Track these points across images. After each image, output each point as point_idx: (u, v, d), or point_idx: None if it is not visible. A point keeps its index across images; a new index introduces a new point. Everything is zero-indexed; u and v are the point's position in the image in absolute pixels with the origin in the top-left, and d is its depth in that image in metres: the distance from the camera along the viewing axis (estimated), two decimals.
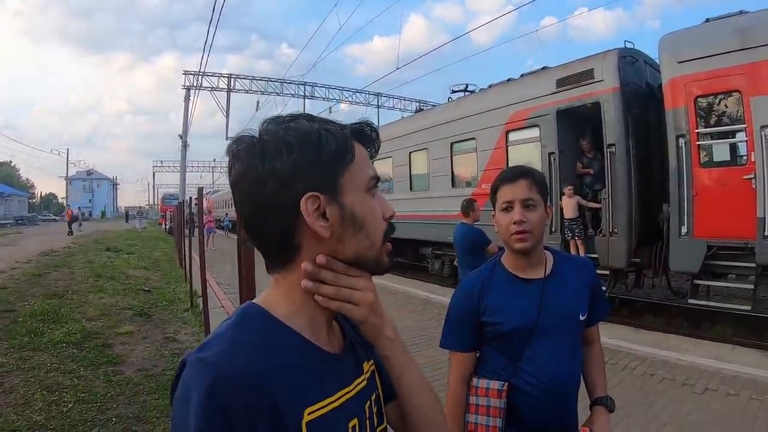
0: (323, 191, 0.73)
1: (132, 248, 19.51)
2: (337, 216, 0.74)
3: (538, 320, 1.52)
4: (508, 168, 1.68)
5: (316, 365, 0.74)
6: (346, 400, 0.76)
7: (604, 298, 1.76)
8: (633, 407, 3.97)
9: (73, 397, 4.21)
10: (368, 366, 0.88)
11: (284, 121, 0.76)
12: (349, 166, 0.76)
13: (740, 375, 4.51)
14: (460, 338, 1.64)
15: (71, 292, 9.01)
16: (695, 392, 4.23)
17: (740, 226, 5.83)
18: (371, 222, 0.78)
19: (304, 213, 0.72)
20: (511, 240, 1.55)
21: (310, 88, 32.05)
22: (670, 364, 4.94)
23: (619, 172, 7.22)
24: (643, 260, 7.44)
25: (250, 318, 0.75)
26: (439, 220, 10.49)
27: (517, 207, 1.53)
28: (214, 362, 0.64)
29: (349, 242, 0.76)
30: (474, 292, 1.61)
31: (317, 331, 0.78)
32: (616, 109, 7.18)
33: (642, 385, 4.46)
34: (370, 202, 0.79)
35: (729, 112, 6.16)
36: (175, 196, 39.71)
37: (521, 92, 8.99)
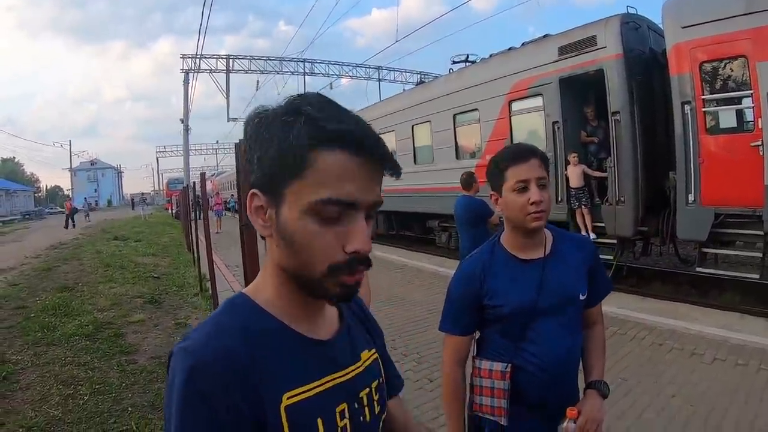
0: (265, 193, 0.71)
1: (140, 235, 19.62)
2: (273, 221, 0.71)
3: (539, 301, 1.51)
4: (513, 147, 1.62)
5: (298, 351, 0.74)
6: (333, 385, 0.76)
7: (605, 277, 1.73)
8: (642, 378, 4.00)
9: (89, 390, 4.27)
10: (368, 354, 0.87)
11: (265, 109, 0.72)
12: (299, 176, 0.67)
13: (748, 344, 4.51)
14: (459, 322, 1.63)
15: (81, 284, 9.09)
16: (704, 362, 4.24)
17: (748, 193, 5.75)
18: (305, 246, 0.69)
19: (246, 207, 0.74)
20: (527, 220, 1.51)
21: (310, 64, 31.95)
22: (678, 333, 4.96)
23: (624, 140, 7.13)
24: (650, 228, 7.39)
25: (233, 307, 0.75)
26: (445, 192, 10.45)
27: (534, 187, 1.50)
28: (192, 350, 0.66)
29: (284, 253, 0.72)
30: (475, 275, 1.59)
31: (299, 317, 0.77)
32: (619, 76, 7.06)
33: (651, 355, 4.48)
34: (309, 226, 0.68)
35: (735, 77, 6.01)
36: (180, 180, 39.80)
37: (523, 61, 8.85)
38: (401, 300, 7.02)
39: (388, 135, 13.27)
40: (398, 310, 6.45)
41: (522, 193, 1.51)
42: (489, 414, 1.58)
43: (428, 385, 4.10)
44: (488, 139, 9.63)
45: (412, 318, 6.08)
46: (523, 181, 1.51)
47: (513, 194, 1.52)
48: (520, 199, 1.51)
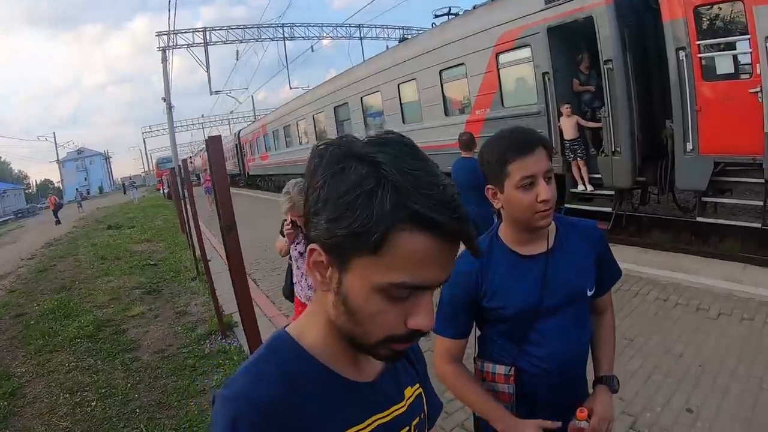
0: (329, 254, 0.65)
1: (133, 221, 19.58)
2: (334, 283, 0.67)
3: (543, 301, 1.39)
4: (515, 135, 1.39)
5: (341, 395, 0.73)
6: (376, 426, 0.75)
7: (614, 264, 1.58)
8: (649, 336, 3.99)
9: (96, 395, 4.26)
10: (411, 391, 0.86)
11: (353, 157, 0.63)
12: (374, 253, 0.61)
13: (753, 298, 4.46)
14: (454, 324, 1.49)
15: (78, 281, 9.07)
16: (709, 317, 4.21)
17: (747, 141, 5.60)
18: (367, 319, 0.66)
19: (307, 257, 0.69)
20: (535, 218, 1.36)
21: (289, 29, 31.16)
22: (682, 287, 4.92)
23: (617, 89, 6.93)
24: (648, 178, 7.30)
25: (276, 349, 0.74)
26: (435, 150, 10.28)
27: (542, 183, 1.33)
28: (233, 398, 0.65)
29: (341, 315, 0.68)
30: (472, 274, 1.44)
31: (345, 360, 0.76)
32: (610, 23, 6.79)
33: (656, 312, 4.46)
34: (374, 303, 0.64)
35: (731, 22, 5.77)
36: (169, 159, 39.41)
37: (509, 11, 8.51)
38: None
39: (374, 95, 13.07)
40: None
41: (528, 190, 1.34)
42: None
43: None
44: (477, 93, 9.40)
45: None
46: (529, 177, 1.33)
47: (518, 191, 1.35)
48: (526, 197, 1.34)
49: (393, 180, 0.59)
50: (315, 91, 18.23)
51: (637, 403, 3.14)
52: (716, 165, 6.02)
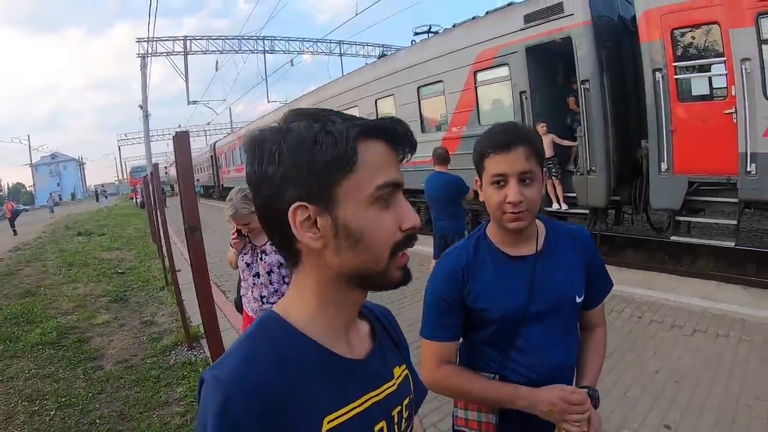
0: (314, 202, 0.68)
1: (104, 229, 19.14)
2: (329, 228, 0.69)
3: (530, 305, 1.33)
4: (499, 129, 1.35)
5: (335, 372, 0.73)
6: (372, 404, 0.75)
7: (605, 274, 1.52)
8: (625, 353, 3.98)
9: (55, 404, 4.09)
10: (400, 371, 0.86)
11: (292, 118, 0.71)
12: (349, 175, 0.68)
13: (727, 314, 4.53)
14: (442, 326, 1.41)
15: (44, 287, 8.78)
16: (684, 334, 4.24)
17: (722, 161, 5.73)
18: (372, 236, 0.70)
19: (291, 223, 0.69)
20: (504, 219, 1.32)
21: (269, 42, 31.38)
22: (657, 304, 4.97)
23: (594, 108, 7.05)
24: (622, 198, 7.39)
25: (265, 328, 0.73)
26: (411, 167, 10.33)
27: (512, 184, 1.28)
28: (224, 380, 0.64)
29: (346, 255, 0.71)
30: (458, 273, 1.39)
31: (336, 336, 0.76)
32: (588, 44, 6.93)
33: (631, 329, 4.47)
34: (372, 215, 0.70)
35: (707, 44, 5.93)
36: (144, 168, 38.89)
37: (488, 31, 8.64)
38: None
39: (352, 111, 13.02)
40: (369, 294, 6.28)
41: (499, 189, 1.31)
42: (475, 430, 1.42)
43: None
44: (454, 111, 9.47)
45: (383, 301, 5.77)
46: (500, 175, 1.30)
47: (490, 188, 1.33)
48: (496, 195, 1.31)
49: (335, 117, 0.70)
50: (293, 104, 18.18)
51: (613, 420, 3.10)
52: (690, 185, 6.13)
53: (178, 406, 3.87)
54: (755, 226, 8.65)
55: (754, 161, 5.44)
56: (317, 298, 0.74)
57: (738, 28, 5.42)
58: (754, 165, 5.44)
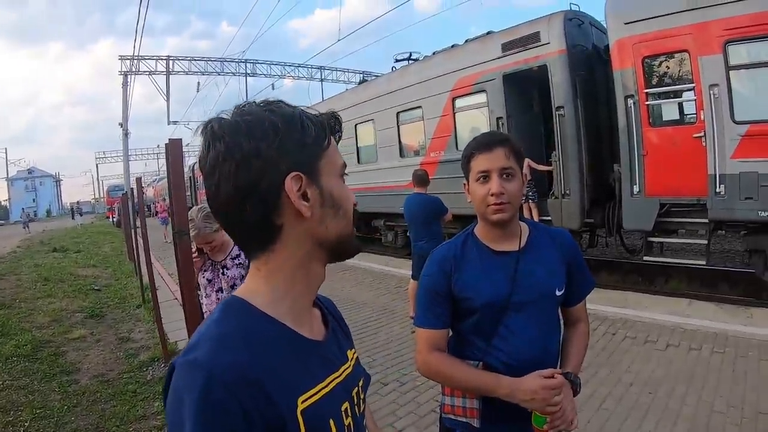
0: (305, 173, 0.74)
1: (80, 246, 18.72)
2: (316, 197, 0.76)
3: (512, 295, 1.44)
4: (482, 134, 1.56)
5: (303, 353, 0.75)
6: (335, 385, 0.78)
7: (587, 272, 1.64)
8: (599, 368, 4.06)
9: (30, 415, 4.01)
10: (352, 354, 0.90)
11: (266, 105, 0.77)
12: (325, 152, 0.78)
13: (700, 329, 4.67)
14: (434, 315, 1.53)
15: (19, 300, 8.54)
16: (658, 349, 4.36)
17: (692, 183, 5.96)
18: (346, 204, 0.81)
19: (288, 192, 0.73)
20: (488, 211, 1.46)
21: (251, 65, 31.34)
22: (631, 321, 5.08)
23: (568, 134, 7.30)
24: (596, 220, 7.60)
25: (232, 312, 0.74)
26: (390, 191, 10.51)
27: (494, 177, 1.44)
28: (202, 363, 0.64)
29: (329, 223, 0.78)
30: (446, 265, 1.52)
31: (300, 318, 0.78)
32: (563, 72, 7.21)
33: (605, 345, 4.56)
34: (345, 186, 0.82)
35: (677, 71, 6.21)
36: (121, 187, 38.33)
37: (466, 58, 8.93)
38: (351, 301, 6.90)
39: None
40: (348, 312, 6.30)
41: (483, 184, 1.47)
42: (461, 416, 1.50)
43: (382, 389, 4.03)
44: (432, 136, 9.68)
45: (362, 320, 5.98)
46: (483, 172, 1.46)
47: (475, 184, 1.49)
48: (481, 189, 1.47)
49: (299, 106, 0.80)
50: None
51: (589, 430, 3.17)
52: (662, 206, 6.34)
53: (155, 420, 3.82)
54: (726, 246, 8.93)
55: (722, 182, 5.68)
56: (285, 277, 0.77)
57: (707, 55, 5.71)
58: (722, 186, 5.68)
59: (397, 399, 3.84)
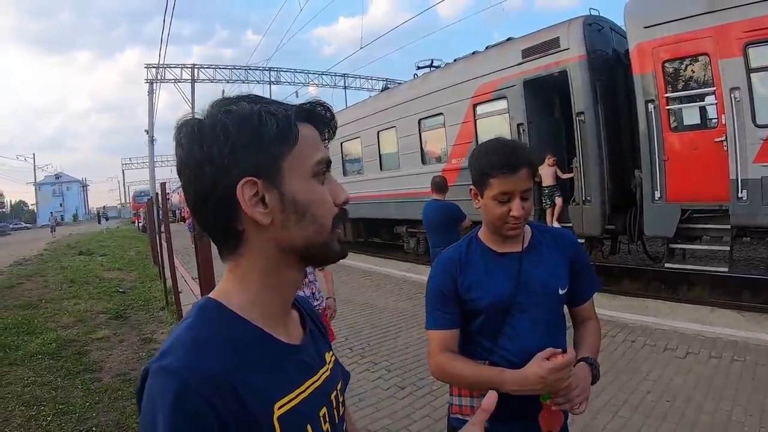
0: (261, 177, 0.70)
1: (105, 250, 19.10)
2: (276, 202, 0.71)
3: (516, 295, 1.46)
4: (503, 150, 1.49)
5: (279, 358, 0.73)
6: (313, 390, 0.76)
7: (591, 272, 1.64)
8: (617, 375, 4.01)
9: (52, 410, 4.10)
10: (330, 357, 0.88)
11: (227, 103, 0.73)
12: (291, 150, 0.72)
13: (721, 337, 4.58)
14: (443, 314, 1.54)
15: (45, 301, 8.76)
16: (677, 357, 4.28)
17: (713, 188, 5.87)
18: (316, 208, 0.74)
19: (240, 200, 0.69)
20: (504, 228, 1.47)
21: (275, 73, 31.78)
22: (651, 329, 5.01)
23: (589, 139, 7.24)
24: (617, 227, 7.51)
25: (207, 315, 0.71)
26: (412, 198, 10.50)
27: (517, 201, 1.43)
28: (176, 369, 0.62)
29: (294, 229, 0.73)
30: (451, 267, 1.54)
31: (275, 321, 0.76)
32: (583, 77, 7.17)
33: (624, 352, 4.50)
34: (316, 187, 0.75)
35: (697, 75, 6.15)
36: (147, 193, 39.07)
37: (487, 65, 8.93)
38: (370, 307, 6.93)
39: (354, 142, 13.27)
40: (367, 318, 6.36)
41: (504, 204, 1.45)
42: (469, 415, 1.49)
43: (399, 392, 4.03)
44: (454, 143, 9.68)
45: (381, 325, 6.00)
46: (507, 194, 1.45)
47: (494, 202, 1.47)
48: (500, 209, 1.46)
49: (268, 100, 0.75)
50: None
51: None
52: (683, 212, 6.26)
53: None
54: (750, 254, 8.74)
55: (744, 187, 5.59)
56: (258, 280, 0.75)
57: (727, 58, 5.64)
58: (745, 191, 5.59)
59: (413, 403, 3.84)
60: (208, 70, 30.50)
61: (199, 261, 2.54)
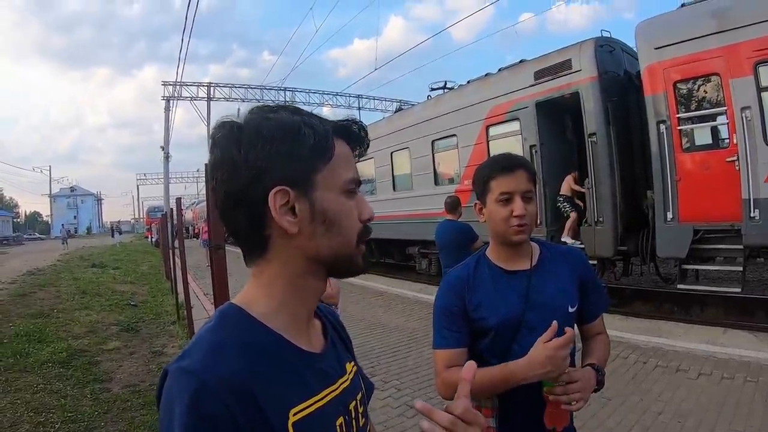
0: (294, 186, 0.72)
1: (118, 263, 19.28)
2: (306, 213, 0.73)
3: (525, 313, 1.45)
4: (500, 156, 1.58)
5: (298, 365, 0.73)
6: (331, 398, 0.76)
7: (601, 290, 1.63)
8: (627, 396, 3.96)
9: (60, 417, 4.14)
10: (351, 367, 0.87)
11: (268, 111, 0.75)
12: (327, 164, 0.74)
13: (734, 358, 4.52)
14: (449, 334, 1.54)
15: (57, 310, 8.86)
16: (689, 378, 4.23)
17: (726, 208, 5.84)
18: (344, 222, 0.76)
19: (270, 206, 0.71)
20: (509, 232, 1.48)
21: (290, 93, 32.20)
22: (663, 350, 4.94)
23: (601, 160, 7.23)
24: (630, 248, 7.45)
25: (228, 320, 0.73)
26: (424, 219, 10.51)
27: (518, 200, 1.46)
28: (194, 371, 0.63)
29: (320, 240, 0.74)
30: (459, 287, 1.54)
31: (297, 329, 0.77)
32: (595, 98, 7.20)
33: (635, 374, 4.45)
34: (345, 203, 0.76)
35: (709, 95, 6.16)
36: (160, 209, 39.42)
37: (500, 86, 9.01)
38: (381, 326, 6.92)
39: (367, 162, 13.29)
40: (378, 337, 6.36)
41: (505, 205, 1.48)
42: None
43: (408, 411, 4.00)
44: (467, 164, 9.70)
45: (391, 344, 5.98)
46: (507, 193, 1.48)
47: (497, 205, 1.49)
48: (503, 211, 1.48)
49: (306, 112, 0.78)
50: None
51: None
52: (696, 233, 6.20)
53: None
54: (764, 275, 8.64)
55: (757, 207, 5.55)
56: (282, 287, 0.76)
57: (737, 77, 5.65)
58: (757, 210, 5.55)
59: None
60: (224, 88, 31.01)
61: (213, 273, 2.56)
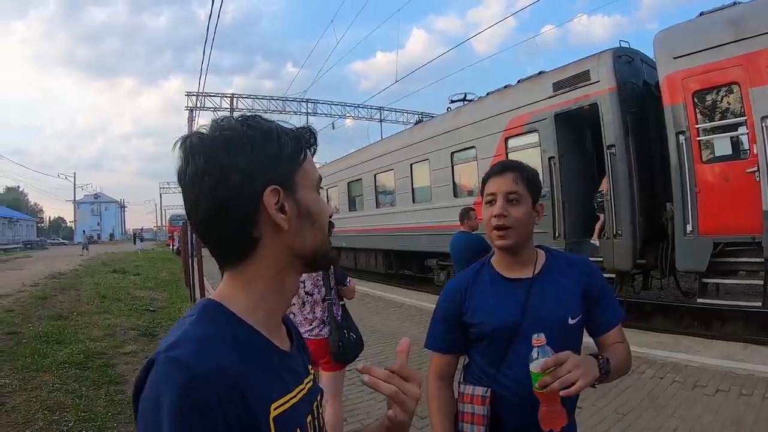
0: (282, 186, 0.76)
1: (139, 269, 19.57)
2: (293, 210, 0.78)
3: (523, 323, 1.42)
4: (499, 161, 1.61)
5: (276, 362, 0.77)
6: (302, 396, 0.79)
7: (613, 301, 1.56)
8: (643, 411, 3.90)
9: (74, 417, 4.21)
10: (310, 369, 0.90)
11: (243, 120, 0.79)
12: (301, 165, 0.80)
13: (753, 374, 4.41)
14: (442, 339, 1.58)
15: (76, 313, 9.03)
16: (706, 394, 4.14)
17: (746, 220, 5.70)
18: (321, 217, 0.83)
19: (267, 205, 0.74)
20: (492, 236, 1.49)
21: (312, 104, 32.21)
22: (680, 366, 4.86)
23: (620, 172, 7.13)
24: (649, 261, 7.31)
25: (210, 314, 0.74)
26: (443, 231, 10.42)
27: (499, 200, 1.46)
28: (187, 361, 0.64)
29: (305, 236, 0.80)
30: (459, 292, 1.55)
31: (272, 328, 0.80)
32: (613, 109, 7.12)
33: (652, 389, 4.37)
34: (321, 200, 0.84)
35: (728, 105, 6.05)
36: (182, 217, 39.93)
37: (519, 98, 8.98)
38: (395, 336, 6.89)
39: (387, 174, 13.38)
40: (393, 347, 6.27)
41: (489, 207, 1.49)
42: (468, 422, 1.49)
43: (419, 422, 3.94)
44: None
45: None
46: (491, 194, 1.49)
47: (484, 207, 1.52)
48: (486, 212, 1.50)
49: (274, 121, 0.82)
50: (331, 165, 18.56)
51: None
52: (716, 246, 6.06)
53: None
54: None
55: None
56: (263, 286, 0.78)
57: (757, 86, 5.54)
58: None
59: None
60: (247, 99, 31.18)
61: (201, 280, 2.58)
